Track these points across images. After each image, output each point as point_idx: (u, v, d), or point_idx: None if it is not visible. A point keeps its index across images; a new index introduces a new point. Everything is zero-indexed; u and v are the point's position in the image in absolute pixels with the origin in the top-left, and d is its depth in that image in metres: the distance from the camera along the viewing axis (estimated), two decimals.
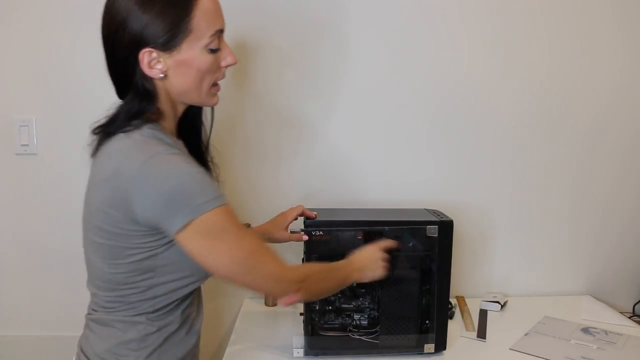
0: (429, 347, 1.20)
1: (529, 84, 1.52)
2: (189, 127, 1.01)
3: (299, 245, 1.19)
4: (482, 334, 1.33)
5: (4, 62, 1.47)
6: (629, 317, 1.51)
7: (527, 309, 1.50)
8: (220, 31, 0.90)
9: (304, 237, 1.16)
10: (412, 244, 1.18)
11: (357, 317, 1.20)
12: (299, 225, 1.22)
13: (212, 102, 0.96)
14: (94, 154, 0.92)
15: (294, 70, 1.49)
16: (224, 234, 0.85)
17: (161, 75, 0.87)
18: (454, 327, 1.36)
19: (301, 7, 1.46)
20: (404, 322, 1.19)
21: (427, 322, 1.19)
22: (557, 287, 1.63)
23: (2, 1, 1.45)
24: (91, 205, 0.90)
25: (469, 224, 1.56)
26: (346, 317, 1.20)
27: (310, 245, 1.16)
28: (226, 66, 0.94)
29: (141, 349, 0.93)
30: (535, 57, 1.51)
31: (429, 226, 1.17)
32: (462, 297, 1.56)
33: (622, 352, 1.25)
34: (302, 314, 1.20)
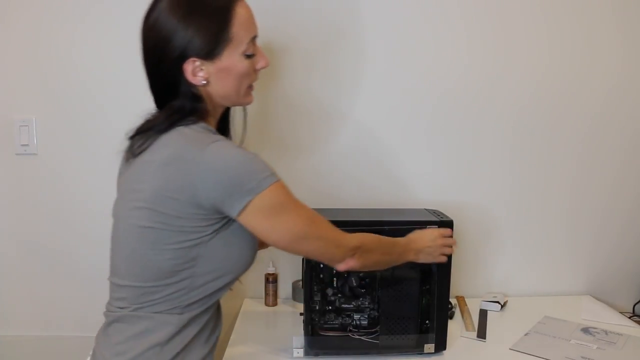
0: (429, 347, 1.20)
1: (528, 84, 1.52)
2: (220, 128, 1.06)
3: None
4: (482, 334, 1.33)
5: (4, 62, 1.47)
6: (629, 317, 1.51)
7: (527, 309, 1.50)
8: (255, 37, 0.97)
9: None
10: None
11: (357, 317, 1.20)
12: None
13: (248, 102, 1.03)
14: (137, 153, 0.93)
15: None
16: (284, 207, 0.91)
17: (204, 82, 0.93)
18: (454, 327, 1.36)
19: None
20: (404, 322, 1.19)
21: (427, 322, 1.19)
22: (557, 287, 1.63)
23: (2, 1, 1.45)
24: (142, 191, 0.90)
25: (469, 224, 1.56)
26: (346, 317, 1.21)
27: None
28: (260, 69, 1.00)
29: (164, 352, 0.93)
30: (534, 57, 1.51)
31: (429, 226, 1.17)
32: (462, 297, 1.56)
33: (622, 352, 1.25)
34: (302, 314, 1.20)
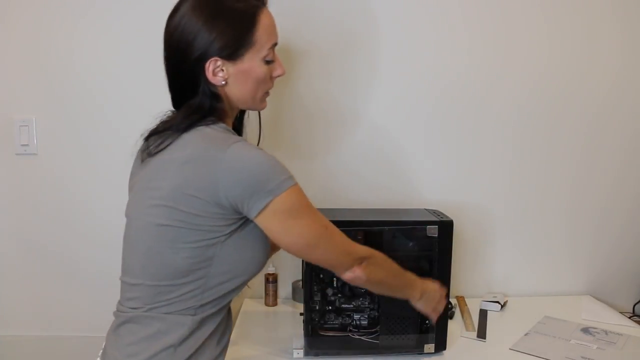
0: (429, 347, 1.20)
1: (528, 84, 1.52)
2: (236, 130, 1.07)
3: None
4: (482, 334, 1.33)
5: (4, 62, 1.47)
6: (629, 317, 1.51)
7: (527, 309, 1.50)
8: (275, 44, 0.99)
9: None
10: (412, 244, 1.18)
11: (357, 317, 1.20)
12: None
13: (261, 107, 1.05)
14: (155, 152, 0.94)
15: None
16: (300, 211, 0.92)
17: (223, 82, 0.95)
18: (454, 327, 1.36)
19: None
20: (404, 322, 1.19)
21: (427, 322, 1.19)
22: (557, 287, 1.63)
23: (3, 1, 1.45)
24: (160, 189, 0.91)
25: (469, 224, 1.57)
26: (346, 317, 1.21)
27: None
28: (277, 77, 1.02)
29: (177, 354, 0.93)
30: (534, 57, 1.51)
31: (429, 226, 1.17)
32: (462, 297, 1.56)
33: (622, 352, 1.25)
34: (302, 314, 1.20)
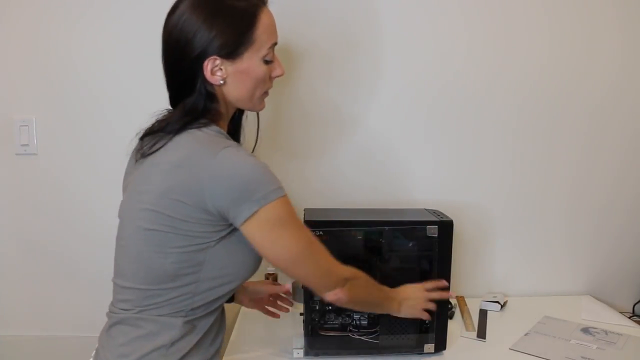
0: (429, 347, 1.20)
1: (527, 84, 1.52)
2: (231, 132, 1.05)
3: None
4: (482, 334, 1.34)
5: (5, 62, 1.47)
6: (629, 317, 1.51)
7: (527, 309, 1.50)
8: (275, 44, 0.98)
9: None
10: (412, 244, 1.18)
11: (357, 317, 1.20)
12: None
13: (260, 107, 1.03)
14: (149, 153, 0.93)
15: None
16: (287, 223, 0.90)
17: (221, 81, 0.94)
18: (454, 327, 1.36)
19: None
20: (404, 322, 1.19)
21: (427, 322, 1.19)
22: (557, 287, 1.63)
23: (3, 1, 1.45)
24: (149, 193, 0.90)
25: (469, 224, 1.56)
26: (346, 317, 1.20)
27: None
28: (275, 77, 1.01)
29: (168, 355, 0.93)
30: (534, 57, 1.51)
31: (429, 226, 1.17)
32: (462, 297, 1.56)
33: (622, 352, 1.25)
34: (302, 314, 1.20)
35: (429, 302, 1.14)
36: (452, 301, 1.48)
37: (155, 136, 0.93)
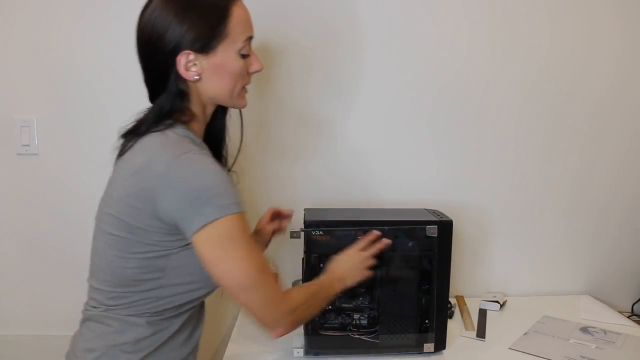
0: (429, 346, 1.21)
1: (527, 84, 1.53)
2: (214, 132, 1.04)
3: (299, 244, 1.19)
4: (481, 334, 1.34)
5: (5, 62, 1.47)
6: (628, 317, 1.52)
7: (526, 309, 1.50)
8: (250, 38, 0.96)
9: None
10: (411, 244, 1.19)
11: (356, 316, 1.21)
12: (298, 224, 1.22)
13: (241, 104, 1.00)
14: (120, 155, 0.93)
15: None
16: (237, 243, 0.84)
17: (196, 77, 0.91)
18: (454, 326, 1.36)
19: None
20: (404, 321, 1.19)
21: (427, 321, 1.19)
22: (556, 286, 1.63)
23: (3, 1, 1.45)
24: (112, 197, 0.90)
25: (468, 224, 1.57)
26: (346, 316, 1.21)
27: (310, 245, 1.16)
28: (254, 72, 0.99)
29: (134, 352, 0.92)
30: (533, 56, 1.51)
31: (428, 226, 1.18)
32: (462, 297, 1.57)
33: (621, 352, 1.25)
34: None
35: (368, 259, 1.10)
36: (452, 301, 1.48)
37: (128, 137, 0.93)
